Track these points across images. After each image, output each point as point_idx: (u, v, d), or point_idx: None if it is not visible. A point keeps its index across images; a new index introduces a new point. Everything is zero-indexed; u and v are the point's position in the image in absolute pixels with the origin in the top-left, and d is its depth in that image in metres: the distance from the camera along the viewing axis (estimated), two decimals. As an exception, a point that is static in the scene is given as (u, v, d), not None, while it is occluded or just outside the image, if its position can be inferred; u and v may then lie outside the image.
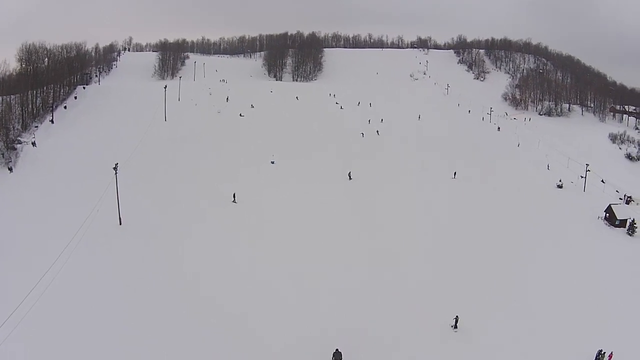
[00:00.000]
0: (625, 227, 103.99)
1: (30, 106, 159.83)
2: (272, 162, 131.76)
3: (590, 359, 56.84)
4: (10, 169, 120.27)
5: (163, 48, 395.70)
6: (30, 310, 60.45)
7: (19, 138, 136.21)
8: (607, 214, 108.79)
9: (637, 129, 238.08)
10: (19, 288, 63.88)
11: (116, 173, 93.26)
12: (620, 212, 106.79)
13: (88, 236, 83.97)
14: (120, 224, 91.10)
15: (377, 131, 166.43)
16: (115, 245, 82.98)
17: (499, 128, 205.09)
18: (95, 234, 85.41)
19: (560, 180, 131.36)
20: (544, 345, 59.53)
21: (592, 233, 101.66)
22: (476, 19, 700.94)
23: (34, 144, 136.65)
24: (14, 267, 73.27)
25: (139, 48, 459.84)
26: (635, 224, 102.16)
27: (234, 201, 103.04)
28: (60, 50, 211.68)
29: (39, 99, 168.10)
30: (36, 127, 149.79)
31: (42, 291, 64.69)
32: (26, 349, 54.68)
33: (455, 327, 62.10)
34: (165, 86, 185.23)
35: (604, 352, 56.39)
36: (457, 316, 62.45)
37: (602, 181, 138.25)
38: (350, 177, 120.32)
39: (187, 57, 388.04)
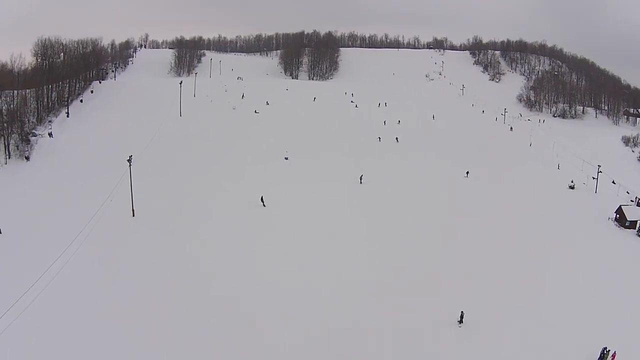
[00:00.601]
0: (635, 229, 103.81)
1: (45, 100, 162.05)
2: (286, 158, 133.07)
3: (594, 356, 57.38)
4: (27, 158, 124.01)
5: (179, 45, 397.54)
6: (37, 299, 61.63)
7: (33, 131, 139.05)
8: (618, 215, 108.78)
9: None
10: (28, 276, 65.27)
11: (130, 165, 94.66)
12: (631, 213, 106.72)
13: (101, 226, 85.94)
14: (134, 215, 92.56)
15: (397, 138, 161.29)
16: (128, 236, 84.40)
17: (511, 128, 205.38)
18: (108, 225, 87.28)
19: (572, 181, 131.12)
20: (549, 341, 60.03)
21: (601, 233, 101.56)
22: (492, 20, 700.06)
23: (50, 134, 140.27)
24: (25, 255, 74.80)
25: (155, 45, 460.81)
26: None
27: (263, 205, 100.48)
28: (76, 45, 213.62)
29: (54, 93, 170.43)
30: (50, 121, 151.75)
31: (50, 279, 66.19)
32: (29, 338, 55.42)
33: (461, 321, 63.00)
34: (181, 82, 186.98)
35: (609, 350, 56.90)
36: (462, 312, 63.27)
37: (613, 182, 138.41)
38: (361, 181, 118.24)
39: (204, 54, 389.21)
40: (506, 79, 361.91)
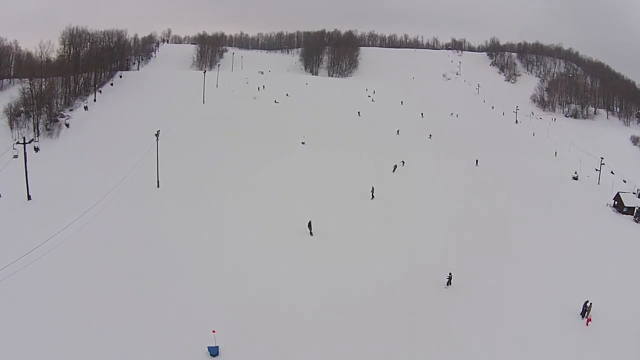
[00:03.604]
0: (632, 215, 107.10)
1: (72, 85, 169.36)
2: (303, 143, 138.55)
3: (577, 310, 61.34)
4: (67, 125, 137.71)
5: (202, 41, 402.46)
6: (50, 252, 63.30)
7: (61, 112, 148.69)
8: (616, 202, 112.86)
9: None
10: (47, 234, 67.60)
11: (157, 139, 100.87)
12: (628, 200, 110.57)
13: (126, 193, 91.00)
14: (158, 186, 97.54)
15: (402, 162, 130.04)
16: (151, 203, 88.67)
17: (517, 121, 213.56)
18: (133, 192, 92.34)
19: (575, 172, 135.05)
20: (536, 300, 62.73)
21: (600, 217, 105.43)
22: (509, 23, 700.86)
23: (86, 108, 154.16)
24: (50, 218, 76.59)
25: (178, 40, 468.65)
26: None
27: (310, 233, 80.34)
28: (102, 36, 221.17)
29: (81, 79, 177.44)
30: (71, 110, 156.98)
31: (66, 238, 68.34)
32: (32, 290, 55.93)
33: (449, 283, 65.93)
34: (205, 71, 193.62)
35: (591, 304, 60.81)
36: (450, 273, 66.05)
37: (612, 172, 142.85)
38: (372, 194, 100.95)
39: (225, 50, 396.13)
40: (522, 80, 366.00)
